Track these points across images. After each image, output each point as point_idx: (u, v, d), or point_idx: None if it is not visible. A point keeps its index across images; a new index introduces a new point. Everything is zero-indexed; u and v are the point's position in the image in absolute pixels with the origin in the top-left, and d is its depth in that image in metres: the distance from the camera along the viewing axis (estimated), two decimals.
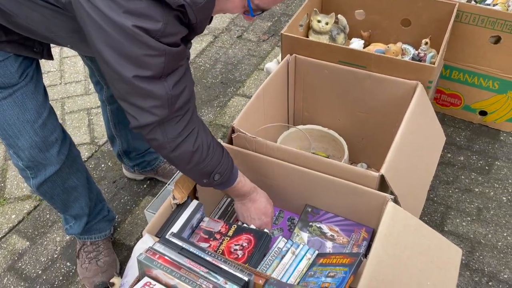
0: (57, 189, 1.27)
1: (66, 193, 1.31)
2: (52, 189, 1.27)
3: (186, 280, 0.84)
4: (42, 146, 1.16)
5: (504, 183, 1.69)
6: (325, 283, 1.02)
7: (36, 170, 1.20)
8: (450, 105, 1.94)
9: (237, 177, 1.13)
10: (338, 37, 1.72)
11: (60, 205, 1.34)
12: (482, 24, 1.65)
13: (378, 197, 1.14)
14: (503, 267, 1.45)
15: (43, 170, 1.21)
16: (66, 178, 1.27)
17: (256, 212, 1.21)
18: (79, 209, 1.37)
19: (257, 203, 1.20)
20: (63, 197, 1.31)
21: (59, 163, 1.21)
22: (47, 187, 1.25)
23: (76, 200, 1.34)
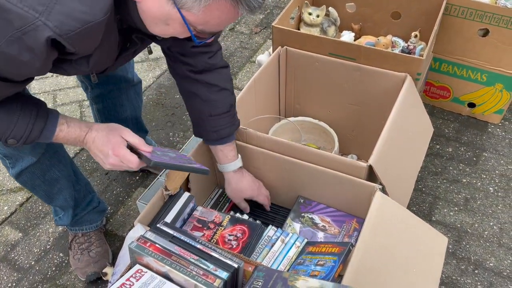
0: (37, 180, 1.27)
1: (47, 185, 1.30)
2: (32, 180, 1.26)
3: (176, 267, 0.86)
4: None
5: (491, 174, 1.72)
6: (315, 271, 1.04)
7: (14, 159, 1.20)
8: (439, 97, 1.97)
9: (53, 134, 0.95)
10: (329, 29, 1.73)
11: (43, 195, 1.35)
12: (470, 17, 1.67)
13: (367, 187, 1.16)
14: (489, 256, 1.48)
15: (20, 161, 1.20)
16: (46, 170, 1.26)
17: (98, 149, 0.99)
18: (63, 200, 1.37)
19: (96, 142, 0.98)
20: (45, 188, 1.31)
21: (36, 156, 1.20)
22: (26, 177, 1.25)
23: (59, 192, 1.34)
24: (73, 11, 0.73)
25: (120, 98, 1.52)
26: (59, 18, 0.72)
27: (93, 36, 0.80)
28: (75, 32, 0.75)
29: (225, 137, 1.21)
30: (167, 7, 0.77)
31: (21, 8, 0.69)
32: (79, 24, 0.74)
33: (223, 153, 1.24)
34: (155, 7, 0.79)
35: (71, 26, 0.74)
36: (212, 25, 0.81)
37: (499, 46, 1.69)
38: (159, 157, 0.98)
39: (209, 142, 1.24)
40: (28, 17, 0.70)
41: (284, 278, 0.85)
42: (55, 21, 0.72)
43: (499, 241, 1.52)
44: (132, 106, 1.58)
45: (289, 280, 0.84)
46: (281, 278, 0.85)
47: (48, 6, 0.71)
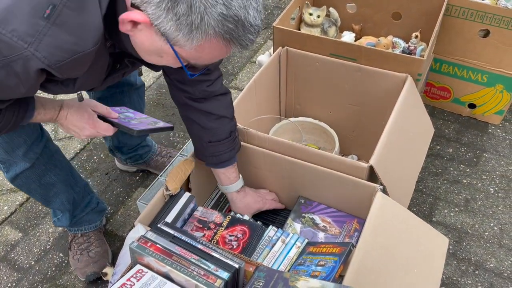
0: (33, 184, 1.27)
1: (44, 189, 1.30)
2: (27, 184, 1.27)
3: (177, 267, 0.85)
4: (7, 148, 1.14)
5: (492, 174, 1.72)
6: (315, 271, 1.04)
7: (8, 165, 1.21)
8: (439, 98, 1.97)
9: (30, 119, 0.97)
10: (330, 30, 1.73)
11: (40, 199, 1.35)
12: (471, 17, 1.67)
13: (368, 188, 1.16)
14: (489, 256, 1.48)
15: (14, 166, 1.21)
16: (42, 175, 1.26)
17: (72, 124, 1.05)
18: (60, 204, 1.37)
19: (68, 118, 1.04)
20: (41, 192, 1.31)
21: (29, 162, 1.20)
22: (21, 181, 1.25)
23: (56, 195, 1.34)
24: (63, 42, 0.73)
25: (122, 101, 1.51)
26: (48, 49, 0.72)
27: (83, 64, 0.81)
28: (64, 63, 0.75)
29: (225, 161, 1.22)
30: (160, 42, 0.77)
31: (10, 38, 0.69)
32: (68, 54, 0.75)
33: (224, 175, 1.26)
34: (148, 41, 0.78)
35: (60, 57, 0.74)
36: (205, 60, 0.82)
37: (499, 47, 1.69)
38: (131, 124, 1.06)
39: (210, 165, 1.26)
40: (17, 47, 0.70)
41: (285, 278, 0.85)
42: (44, 52, 0.72)
43: (499, 242, 1.52)
44: (134, 109, 1.57)
45: (290, 281, 0.84)
46: (282, 279, 0.85)
47: (37, 38, 0.71)
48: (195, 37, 0.73)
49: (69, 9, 0.71)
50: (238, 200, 1.30)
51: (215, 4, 0.70)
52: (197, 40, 0.73)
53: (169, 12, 0.71)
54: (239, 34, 0.74)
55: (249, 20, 0.73)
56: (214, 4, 0.70)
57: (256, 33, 0.77)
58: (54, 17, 0.71)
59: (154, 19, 0.72)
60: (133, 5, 0.74)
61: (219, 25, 0.72)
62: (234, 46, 0.77)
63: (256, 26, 0.75)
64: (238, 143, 1.25)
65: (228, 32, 0.73)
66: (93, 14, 0.74)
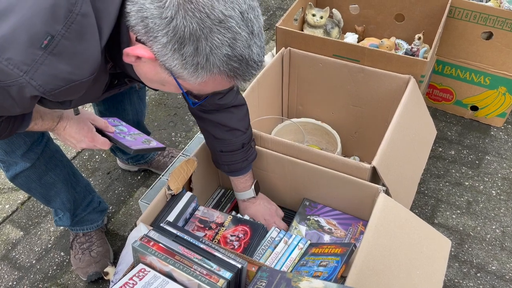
0: (33, 184, 1.27)
1: (44, 188, 1.30)
2: (27, 183, 1.27)
3: (180, 267, 0.85)
4: (6, 148, 1.15)
5: (494, 177, 1.72)
6: (317, 272, 1.04)
7: (7, 164, 1.21)
8: (442, 100, 1.96)
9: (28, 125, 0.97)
10: (333, 31, 1.73)
11: (40, 198, 1.35)
12: (474, 20, 1.67)
13: (370, 189, 1.15)
14: (491, 259, 1.48)
15: (14, 166, 1.21)
16: (42, 174, 1.26)
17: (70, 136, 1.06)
18: (60, 203, 1.37)
19: (67, 130, 1.05)
20: (42, 191, 1.31)
21: (30, 162, 1.20)
22: (22, 180, 1.25)
23: (57, 195, 1.34)
24: (59, 72, 0.73)
25: (122, 102, 1.51)
26: (44, 78, 0.72)
27: (78, 91, 0.80)
28: (59, 91, 0.75)
29: (236, 171, 1.25)
30: (164, 74, 0.77)
31: (6, 65, 0.69)
32: (63, 83, 0.74)
33: (234, 183, 1.30)
34: (151, 72, 0.79)
35: (55, 86, 0.74)
36: (207, 91, 0.82)
37: (502, 49, 1.69)
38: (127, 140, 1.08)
39: (223, 172, 1.29)
40: (12, 74, 0.70)
41: (287, 278, 0.85)
42: (39, 80, 0.72)
43: (501, 245, 1.51)
44: (134, 110, 1.57)
45: (293, 281, 0.84)
46: (285, 279, 0.85)
47: (33, 67, 0.70)
48: (200, 75, 0.74)
49: (67, 40, 0.71)
50: (242, 208, 1.33)
51: (220, 46, 0.70)
52: (202, 78, 0.74)
53: (175, 52, 0.71)
54: (243, 71, 0.75)
55: (253, 58, 0.74)
56: (220, 45, 0.70)
57: (259, 67, 0.78)
58: (51, 48, 0.70)
59: (160, 56, 0.73)
60: (138, 40, 0.74)
61: (224, 64, 0.73)
62: (237, 80, 0.77)
63: (259, 62, 0.77)
64: (252, 153, 1.25)
65: (232, 70, 0.74)
66: (92, 45, 0.73)
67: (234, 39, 0.71)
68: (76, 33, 0.71)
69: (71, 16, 0.70)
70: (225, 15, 0.69)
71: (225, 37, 0.70)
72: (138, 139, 1.13)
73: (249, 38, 0.72)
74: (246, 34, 0.72)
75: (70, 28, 0.70)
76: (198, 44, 0.70)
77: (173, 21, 0.69)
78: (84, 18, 0.71)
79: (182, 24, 0.68)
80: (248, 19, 0.72)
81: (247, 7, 0.72)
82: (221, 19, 0.69)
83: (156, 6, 0.69)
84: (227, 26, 0.70)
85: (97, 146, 1.06)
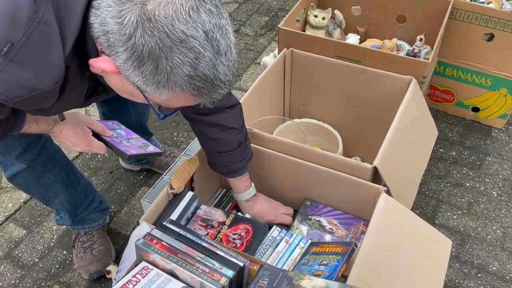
0: (31, 184, 1.27)
1: (42, 189, 1.30)
2: (25, 184, 1.27)
3: (182, 265, 0.86)
4: (1, 149, 1.15)
5: (495, 178, 1.73)
6: (318, 271, 1.04)
7: (4, 165, 1.21)
8: (443, 101, 1.97)
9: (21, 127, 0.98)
10: (335, 32, 1.74)
11: (39, 198, 1.35)
12: (476, 21, 1.68)
13: (372, 189, 1.16)
14: (492, 260, 1.48)
15: (10, 166, 1.21)
16: (40, 175, 1.26)
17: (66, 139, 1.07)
18: (59, 204, 1.37)
19: (63, 133, 1.06)
20: (40, 192, 1.31)
21: (25, 163, 1.20)
22: (19, 181, 1.25)
23: (55, 196, 1.34)
24: (21, 79, 0.72)
25: (125, 104, 1.52)
26: (5, 85, 0.71)
27: (45, 100, 0.79)
28: (22, 98, 0.74)
29: (235, 171, 1.24)
30: (130, 87, 0.76)
31: None
32: (25, 91, 0.73)
33: (234, 184, 1.28)
34: (119, 84, 0.78)
35: (17, 93, 0.73)
36: (175, 106, 0.80)
37: (504, 51, 1.69)
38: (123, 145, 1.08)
39: (221, 174, 1.27)
40: None
41: (289, 277, 0.85)
42: (0, 88, 0.71)
43: (502, 245, 1.52)
44: (137, 112, 1.57)
45: (295, 279, 0.84)
46: (287, 277, 0.86)
47: None
48: (163, 93, 0.73)
49: (29, 47, 0.70)
50: (246, 209, 1.31)
51: (181, 65, 0.69)
52: (165, 95, 0.73)
53: (136, 69, 0.70)
54: (209, 90, 0.73)
55: (219, 77, 0.72)
56: (181, 65, 0.69)
57: (228, 86, 0.76)
58: (12, 55, 0.69)
59: (122, 71, 0.72)
60: (103, 52, 0.73)
61: (187, 84, 0.71)
62: (204, 99, 0.76)
63: (227, 82, 0.75)
64: (249, 152, 1.25)
65: (196, 89, 0.72)
66: (54, 53, 0.73)
67: (197, 59, 0.69)
68: (38, 41, 0.70)
69: (32, 23, 0.69)
70: (186, 35, 0.67)
71: (186, 57, 0.68)
72: (135, 144, 1.13)
73: (214, 58, 0.70)
74: (211, 54, 0.70)
75: (31, 36, 0.69)
76: (158, 63, 0.69)
77: (132, 38, 0.67)
78: (47, 26, 0.70)
79: (141, 43, 0.67)
80: (213, 38, 0.70)
81: (212, 27, 0.70)
82: (182, 39, 0.67)
83: (116, 22, 0.68)
84: (189, 46, 0.68)
85: (93, 150, 1.06)
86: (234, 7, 2.75)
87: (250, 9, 2.73)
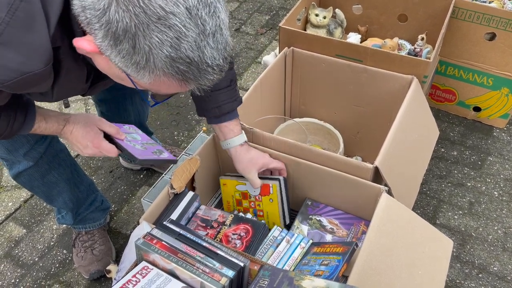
0: (36, 182, 1.27)
1: (46, 187, 1.30)
2: (30, 182, 1.26)
3: (183, 265, 0.86)
4: (9, 146, 1.14)
5: (496, 178, 1.72)
6: (319, 271, 1.04)
7: (10, 162, 1.21)
8: (444, 100, 1.96)
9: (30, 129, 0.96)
10: (336, 31, 1.73)
11: (43, 197, 1.35)
12: (477, 20, 1.67)
13: (373, 189, 1.16)
14: (493, 260, 1.48)
15: (17, 164, 1.21)
16: (45, 173, 1.26)
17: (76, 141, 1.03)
18: (62, 203, 1.37)
19: (73, 134, 1.01)
20: (44, 190, 1.31)
21: (32, 161, 1.20)
22: (24, 179, 1.25)
23: (59, 194, 1.34)
24: (9, 61, 0.70)
25: (124, 103, 1.51)
26: None
27: (38, 83, 0.76)
28: (13, 82, 0.72)
29: (227, 112, 1.17)
30: (115, 69, 0.72)
31: None
32: (15, 74, 0.71)
33: (228, 128, 1.19)
34: (106, 66, 0.74)
35: (6, 76, 0.71)
36: (164, 92, 0.76)
37: (506, 50, 1.69)
38: (136, 149, 1.06)
39: (212, 119, 1.19)
40: None
41: (290, 277, 0.85)
42: None
43: (503, 246, 1.51)
44: (136, 111, 1.57)
45: (295, 280, 0.84)
46: (287, 278, 0.85)
47: None
48: (144, 76, 0.68)
49: (13, 28, 0.68)
50: (242, 154, 1.21)
51: (160, 45, 0.63)
52: (147, 78, 0.69)
53: (113, 49, 0.66)
54: (195, 75, 0.68)
55: (205, 60, 0.67)
56: (160, 44, 0.63)
57: (218, 72, 0.70)
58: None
59: (103, 51, 0.68)
60: (84, 31, 0.69)
61: (168, 66, 0.66)
62: (190, 85, 0.71)
63: (215, 66, 0.69)
64: (238, 95, 1.19)
65: (180, 73, 0.67)
66: (40, 34, 0.70)
67: (178, 39, 0.63)
68: (22, 20, 0.68)
69: (14, 2, 0.67)
70: (165, 11, 0.62)
71: (166, 36, 0.63)
72: (148, 149, 1.10)
73: (198, 38, 0.65)
74: (194, 34, 0.64)
75: (14, 15, 0.67)
76: (136, 42, 0.64)
77: (106, 14, 0.63)
78: (29, 4, 0.68)
79: (115, 19, 0.63)
80: (197, 16, 0.64)
81: (196, 3, 0.63)
82: (159, 15, 0.62)
83: None
84: (168, 24, 0.62)
85: (103, 152, 1.02)
86: (235, 6, 2.74)
87: (251, 8, 2.73)
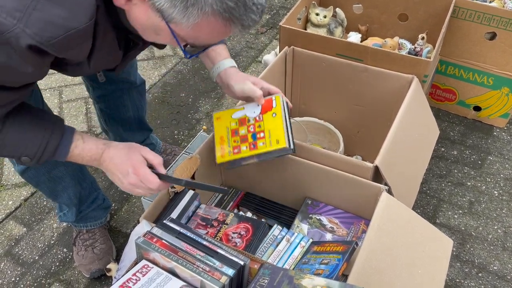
0: (42, 177, 1.27)
1: (52, 182, 1.30)
2: (36, 177, 1.26)
3: (183, 263, 0.86)
4: None
5: (496, 177, 1.72)
6: (319, 270, 1.04)
7: None
8: (445, 100, 1.96)
9: (68, 151, 0.91)
10: (336, 30, 1.73)
11: (48, 192, 1.35)
12: (478, 20, 1.67)
13: (373, 188, 1.16)
14: (492, 259, 1.48)
15: None
16: (51, 168, 1.26)
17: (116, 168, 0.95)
18: (67, 198, 1.37)
19: (113, 160, 0.94)
20: (50, 186, 1.31)
21: None
22: (31, 174, 1.25)
23: (64, 190, 1.34)
24: (54, 17, 0.69)
25: (122, 98, 1.52)
26: (39, 25, 0.68)
27: (79, 44, 0.75)
28: (58, 40, 0.70)
29: None
30: (155, 19, 0.72)
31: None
32: (61, 31, 0.70)
33: (215, 52, 1.14)
34: (143, 16, 0.74)
35: (52, 33, 0.70)
36: (203, 40, 0.75)
37: (506, 50, 1.69)
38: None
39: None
40: (6, 24, 0.67)
41: (290, 276, 0.85)
42: (34, 28, 0.68)
43: (503, 245, 1.52)
44: (135, 106, 1.57)
45: (295, 278, 0.84)
46: (287, 276, 0.85)
47: (25, 13, 0.67)
48: (192, 14, 0.68)
49: None
50: (233, 73, 1.16)
51: None
52: (194, 18, 0.68)
53: None
54: (240, 13, 0.68)
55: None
56: None
57: (260, 12, 0.71)
58: None
59: None
60: None
61: (218, 2, 0.66)
62: (235, 26, 0.71)
63: (259, 5, 0.70)
64: None
65: (227, 11, 0.67)
66: None
67: None
68: None
69: None
70: None
71: None
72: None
73: None
74: None
75: None
76: None
77: None
78: None
79: None
80: None
81: None
82: None
83: None
84: None
85: (143, 183, 0.92)
86: None
87: None
